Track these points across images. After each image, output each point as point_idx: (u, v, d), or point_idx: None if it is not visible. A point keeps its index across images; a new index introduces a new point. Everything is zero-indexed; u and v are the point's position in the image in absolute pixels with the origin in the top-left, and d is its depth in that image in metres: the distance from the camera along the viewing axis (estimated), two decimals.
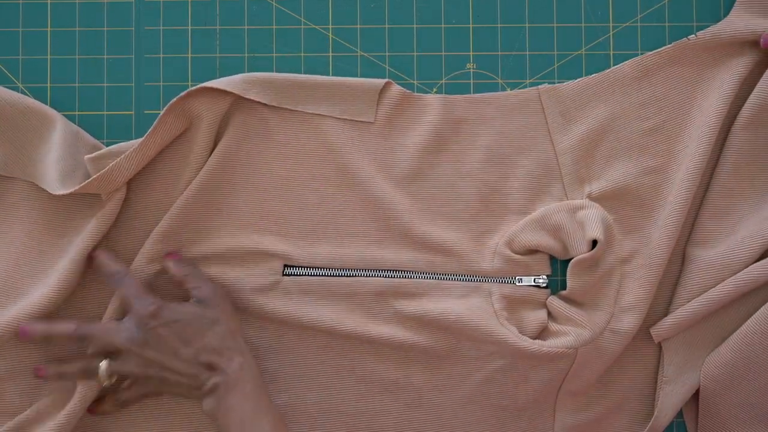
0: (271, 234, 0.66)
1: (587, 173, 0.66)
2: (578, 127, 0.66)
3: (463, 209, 0.66)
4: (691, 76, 0.66)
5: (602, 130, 0.66)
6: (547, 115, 0.67)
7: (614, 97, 0.66)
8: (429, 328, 0.64)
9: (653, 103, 0.66)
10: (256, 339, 0.66)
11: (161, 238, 0.64)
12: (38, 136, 0.65)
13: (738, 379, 0.64)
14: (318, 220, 0.66)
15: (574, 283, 0.64)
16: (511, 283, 0.65)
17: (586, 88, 0.67)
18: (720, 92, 0.65)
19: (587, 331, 0.63)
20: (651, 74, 0.66)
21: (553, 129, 0.67)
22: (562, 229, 0.65)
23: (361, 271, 0.66)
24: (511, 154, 0.67)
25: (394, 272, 0.66)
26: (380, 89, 0.66)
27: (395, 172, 0.66)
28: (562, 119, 0.67)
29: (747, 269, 0.63)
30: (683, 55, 0.66)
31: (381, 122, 0.66)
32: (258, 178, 0.66)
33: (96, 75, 0.68)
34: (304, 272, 0.65)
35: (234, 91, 0.64)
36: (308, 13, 0.69)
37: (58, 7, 0.68)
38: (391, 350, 0.65)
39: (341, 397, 0.66)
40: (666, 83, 0.66)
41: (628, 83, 0.66)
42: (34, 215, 0.65)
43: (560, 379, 0.65)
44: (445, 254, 0.66)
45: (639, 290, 0.64)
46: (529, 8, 0.69)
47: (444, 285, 0.65)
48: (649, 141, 0.66)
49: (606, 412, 0.66)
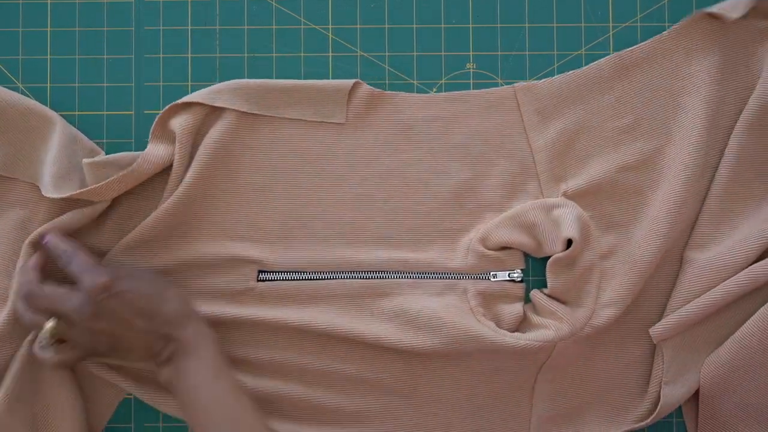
0: (245, 240, 0.66)
1: (563, 171, 0.66)
2: (554, 125, 0.66)
3: (438, 207, 0.67)
4: (666, 72, 0.66)
5: (578, 127, 0.66)
6: (522, 113, 0.67)
7: (590, 94, 0.67)
8: (406, 327, 0.64)
9: (628, 101, 0.66)
10: (231, 345, 0.66)
11: (135, 245, 0.64)
12: (38, 137, 0.65)
13: (737, 380, 0.64)
14: (292, 224, 0.66)
15: (554, 282, 0.65)
16: (485, 279, 0.66)
17: (561, 86, 0.67)
18: (699, 92, 0.65)
19: (567, 326, 0.63)
20: (626, 71, 0.67)
21: (528, 127, 0.67)
22: (537, 227, 0.65)
23: (336, 274, 0.66)
24: (486, 152, 0.67)
25: (370, 273, 0.66)
26: (349, 90, 0.66)
27: (369, 171, 0.66)
28: (538, 117, 0.67)
29: (747, 269, 0.64)
30: (657, 51, 0.66)
31: (352, 122, 0.67)
32: (232, 185, 0.66)
33: (96, 75, 0.68)
34: (279, 277, 0.66)
35: (201, 101, 0.64)
36: (308, 13, 0.69)
37: (58, 7, 0.68)
38: (366, 349, 0.65)
39: (316, 395, 0.66)
40: (641, 80, 0.66)
41: (603, 81, 0.67)
42: (32, 216, 0.65)
43: (537, 368, 0.65)
44: (419, 253, 0.66)
45: (619, 287, 0.64)
46: (529, 8, 0.69)
47: (420, 284, 0.65)
48: (624, 138, 0.66)
49: (584, 403, 0.67)
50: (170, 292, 0.61)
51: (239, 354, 0.66)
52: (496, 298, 0.66)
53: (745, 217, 0.65)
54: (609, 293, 0.64)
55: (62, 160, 0.64)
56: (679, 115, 0.66)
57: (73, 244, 0.62)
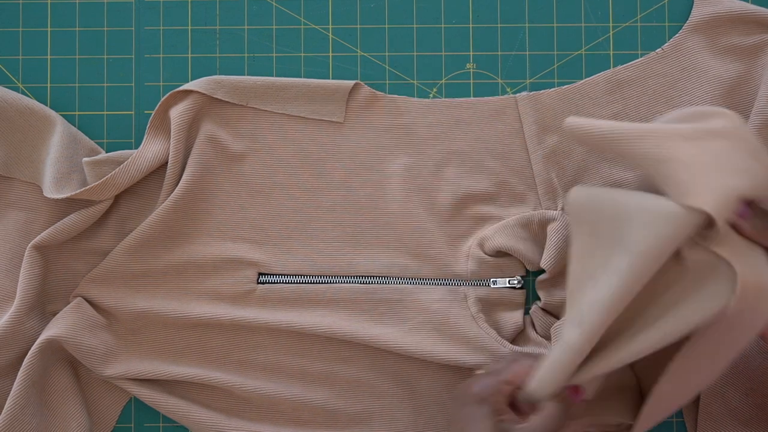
0: (246, 242, 0.66)
1: (560, 184, 0.66)
2: (552, 137, 0.66)
3: (437, 213, 0.66)
4: (661, 89, 0.66)
5: (574, 141, 0.66)
6: (523, 123, 0.67)
7: (586, 109, 0.66)
8: (407, 332, 0.64)
9: (623, 116, 0.66)
10: (230, 348, 0.65)
11: (135, 246, 0.64)
12: (38, 137, 0.65)
13: (725, 385, 0.64)
14: (293, 226, 0.66)
15: (547, 299, 0.65)
16: (486, 286, 0.65)
17: (560, 98, 0.66)
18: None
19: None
20: (622, 87, 0.66)
21: (528, 137, 0.66)
22: (532, 240, 0.65)
23: (337, 278, 0.66)
24: (486, 160, 0.66)
25: (370, 277, 0.66)
26: (350, 90, 0.66)
27: (369, 174, 0.66)
28: (538, 128, 0.66)
29: None
30: (653, 68, 0.66)
31: (353, 124, 0.66)
32: (231, 186, 0.66)
33: (96, 75, 0.68)
34: (279, 279, 0.66)
35: (200, 90, 0.64)
36: (308, 13, 0.69)
37: (58, 7, 0.68)
38: (366, 353, 0.65)
39: (317, 398, 0.65)
40: (636, 97, 0.66)
41: (599, 95, 0.66)
42: (34, 217, 0.65)
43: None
44: (419, 259, 0.66)
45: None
46: (529, 8, 0.69)
47: (420, 289, 0.65)
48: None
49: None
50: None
51: (240, 357, 0.65)
52: (496, 305, 0.65)
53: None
54: None
55: (62, 160, 0.64)
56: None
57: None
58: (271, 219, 0.66)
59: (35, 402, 0.63)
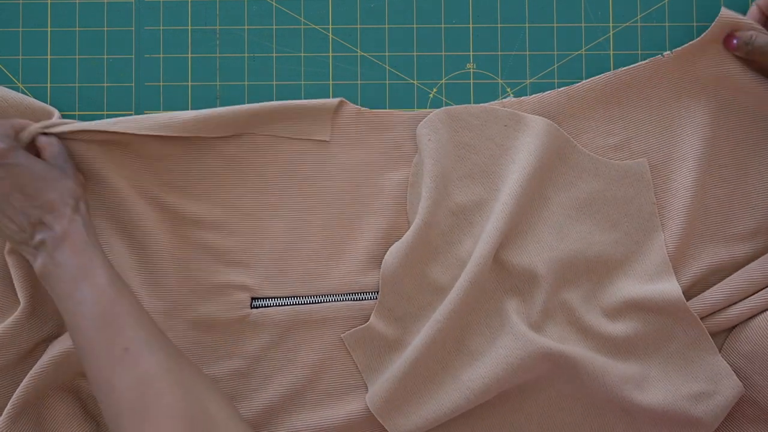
0: (238, 266, 0.65)
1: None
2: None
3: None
4: (660, 96, 0.66)
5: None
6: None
7: (581, 111, 0.66)
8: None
9: (619, 120, 0.66)
10: (228, 376, 0.64)
11: (134, 267, 0.64)
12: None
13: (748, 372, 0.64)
14: (284, 247, 0.65)
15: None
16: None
17: (551, 102, 0.66)
18: (692, 115, 0.65)
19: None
20: (620, 91, 0.66)
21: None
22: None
23: (331, 297, 0.65)
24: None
25: (363, 294, 0.65)
26: (334, 108, 0.66)
27: (359, 191, 0.66)
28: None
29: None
30: (654, 74, 0.66)
31: (340, 141, 0.66)
32: (222, 209, 0.65)
33: (96, 75, 0.68)
34: (273, 303, 0.65)
35: (187, 135, 0.63)
36: (308, 13, 0.69)
37: (58, 7, 0.68)
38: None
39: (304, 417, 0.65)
40: (635, 101, 0.66)
41: (595, 98, 0.66)
42: None
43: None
44: None
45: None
46: (529, 8, 0.69)
47: None
48: (613, 157, 0.66)
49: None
50: (64, 183, 0.59)
51: (235, 384, 0.65)
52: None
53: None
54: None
55: None
56: (671, 135, 0.66)
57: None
58: (262, 241, 0.65)
59: (33, 415, 0.62)
